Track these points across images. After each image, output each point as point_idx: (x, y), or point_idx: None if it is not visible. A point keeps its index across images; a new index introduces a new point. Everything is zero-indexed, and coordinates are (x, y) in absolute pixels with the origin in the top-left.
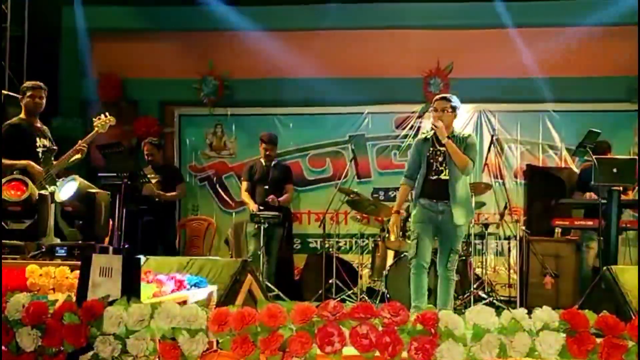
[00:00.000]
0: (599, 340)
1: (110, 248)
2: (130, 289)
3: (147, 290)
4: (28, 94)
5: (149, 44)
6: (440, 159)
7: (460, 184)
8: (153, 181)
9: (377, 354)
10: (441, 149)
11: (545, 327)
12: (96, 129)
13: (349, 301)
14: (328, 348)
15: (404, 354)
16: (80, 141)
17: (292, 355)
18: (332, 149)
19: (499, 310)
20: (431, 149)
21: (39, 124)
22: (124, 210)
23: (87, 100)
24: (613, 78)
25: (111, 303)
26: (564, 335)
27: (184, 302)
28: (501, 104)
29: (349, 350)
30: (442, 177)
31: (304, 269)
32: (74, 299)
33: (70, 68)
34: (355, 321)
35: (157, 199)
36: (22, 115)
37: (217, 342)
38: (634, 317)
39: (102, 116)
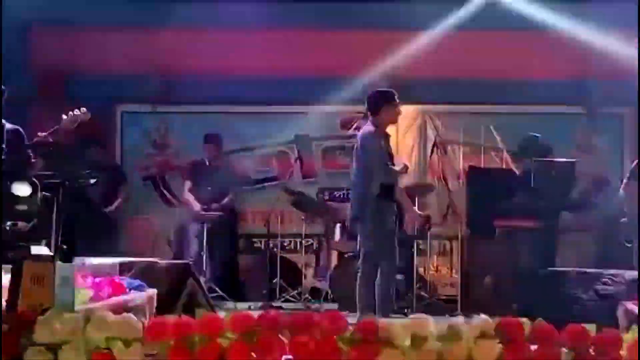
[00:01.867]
0: (534, 347)
1: (43, 253)
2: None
3: (83, 295)
4: None
5: (92, 39)
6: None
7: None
8: (92, 181)
9: None
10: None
11: (482, 335)
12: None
13: (293, 301)
14: (267, 357)
15: None
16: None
17: None
18: (278, 148)
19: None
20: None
21: None
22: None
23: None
24: (554, 81)
25: (44, 312)
26: (500, 344)
27: (123, 307)
28: (444, 105)
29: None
30: None
31: (248, 269)
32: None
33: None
34: (294, 330)
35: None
36: None
37: None
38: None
39: (75, 111)
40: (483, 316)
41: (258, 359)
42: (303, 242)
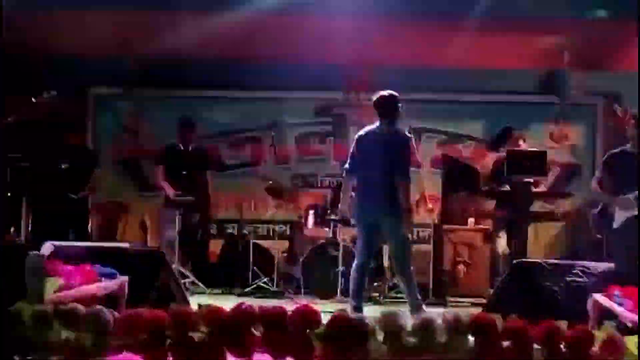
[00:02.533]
0: (507, 343)
1: None
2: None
3: (53, 284)
4: None
5: (64, 20)
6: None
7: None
8: (64, 166)
9: (289, 358)
10: None
11: (455, 330)
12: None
13: (265, 288)
14: (239, 351)
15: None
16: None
17: (202, 358)
18: (252, 134)
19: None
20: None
21: None
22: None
23: None
24: (528, 70)
25: (13, 302)
26: (474, 339)
27: (94, 296)
28: (419, 93)
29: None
30: None
31: (220, 255)
32: None
33: None
34: (266, 324)
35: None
36: None
37: None
38: (543, 313)
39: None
40: (457, 311)
41: (230, 353)
42: (276, 228)
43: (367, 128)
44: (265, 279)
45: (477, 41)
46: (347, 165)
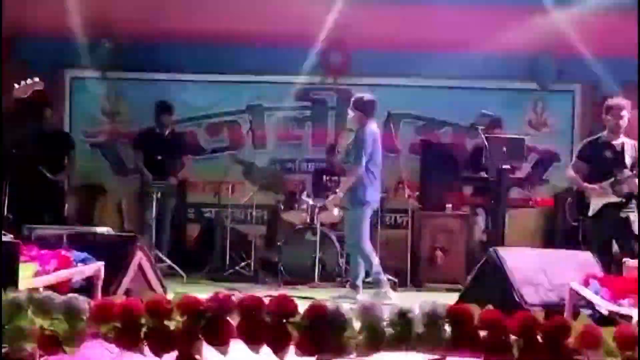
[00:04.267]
0: (483, 333)
1: None
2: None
3: (27, 270)
4: None
5: (40, 1)
6: None
7: None
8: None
9: (265, 347)
10: None
11: (431, 321)
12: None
13: (243, 273)
14: (215, 340)
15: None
16: None
17: (177, 347)
18: (230, 117)
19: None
20: None
21: None
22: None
23: None
24: (507, 56)
25: None
26: (449, 328)
27: (69, 281)
28: (398, 78)
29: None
30: None
31: (197, 240)
32: None
33: None
34: (243, 314)
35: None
36: None
37: None
38: (519, 302)
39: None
40: (434, 302)
41: (207, 342)
42: (254, 213)
43: (374, 126)
44: (242, 264)
45: (456, 25)
46: (363, 159)
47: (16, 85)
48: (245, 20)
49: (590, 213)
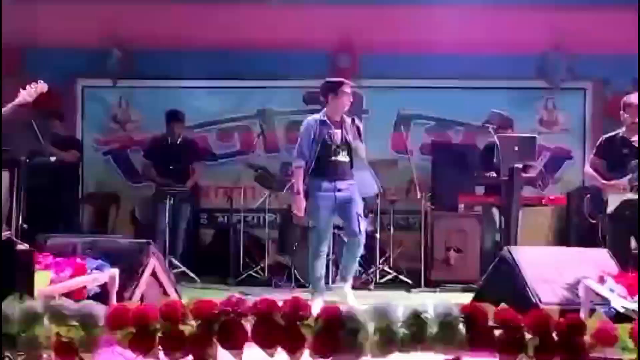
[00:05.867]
0: (498, 332)
1: None
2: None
3: (43, 277)
4: None
5: (51, 12)
6: (337, 141)
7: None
8: (52, 159)
9: (280, 349)
10: (337, 131)
11: (445, 321)
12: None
13: (256, 277)
14: (229, 344)
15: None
16: None
17: (192, 351)
18: (241, 123)
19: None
20: (329, 131)
21: None
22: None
23: None
24: (518, 55)
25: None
26: (464, 328)
27: (84, 288)
28: (408, 79)
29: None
30: (340, 158)
31: (211, 245)
32: None
33: None
34: (257, 317)
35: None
36: None
37: None
38: (534, 301)
39: (32, 84)
40: (448, 302)
41: (221, 346)
42: (266, 217)
43: (313, 117)
44: (256, 268)
45: (466, 26)
46: (297, 153)
47: (21, 90)
48: (254, 25)
49: (608, 210)
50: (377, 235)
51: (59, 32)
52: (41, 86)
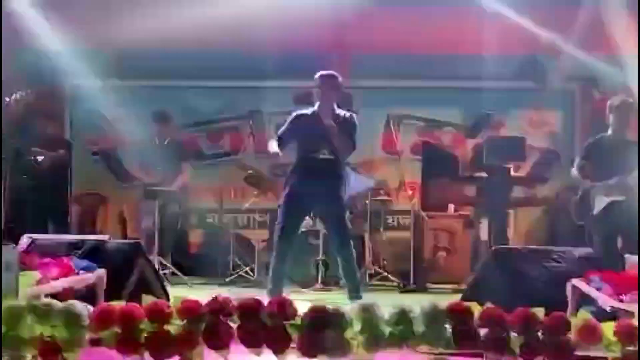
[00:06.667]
0: (483, 331)
1: None
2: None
3: (30, 277)
4: None
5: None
6: (325, 137)
7: (340, 161)
8: (40, 159)
9: (266, 349)
10: (326, 127)
11: (432, 319)
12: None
13: (246, 277)
14: (215, 344)
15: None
16: None
17: (178, 351)
18: (230, 123)
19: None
20: (317, 127)
21: None
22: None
23: None
24: (507, 56)
25: None
26: (450, 327)
27: (71, 289)
28: (398, 80)
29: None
30: (325, 156)
31: (200, 245)
32: None
33: None
34: (243, 316)
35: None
36: None
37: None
38: (522, 300)
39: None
40: (434, 301)
41: (207, 346)
42: (256, 217)
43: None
44: (246, 269)
45: (454, 27)
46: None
47: (7, 99)
48: (246, 25)
49: (595, 211)
50: (367, 236)
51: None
52: (29, 95)
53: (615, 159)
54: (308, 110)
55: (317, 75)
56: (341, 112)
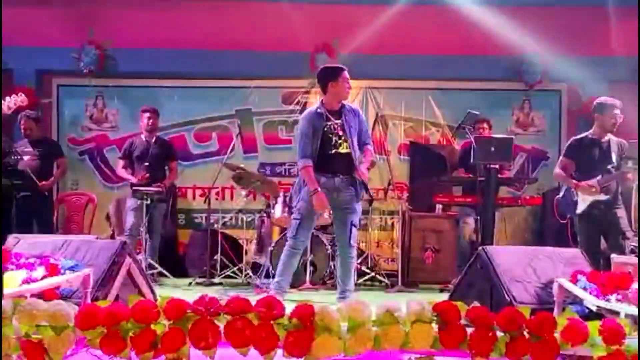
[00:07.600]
0: (470, 330)
1: None
2: None
3: (15, 278)
4: None
5: (25, 9)
6: (339, 132)
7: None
8: (26, 158)
9: (253, 348)
10: (337, 122)
11: (418, 319)
12: None
13: (234, 277)
14: (202, 344)
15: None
16: None
17: (164, 351)
18: (218, 123)
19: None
20: (327, 123)
21: None
22: None
23: None
24: (494, 57)
25: None
26: (436, 326)
27: (57, 289)
28: (386, 80)
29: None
30: (341, 150)
31: (188, 245)
32: None
33: None
34: (229, 316)
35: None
36: None
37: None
38: (509, 300)
39: (13, 96)
40: (419, 300)
41: (193, 346)
42: (244, 217)
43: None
44: (234, 269)
45: (443, 28)
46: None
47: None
48: (232, 25)
49: (578, 211)
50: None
51: (34, 29)
52: (22, 98)
53: (598, 158)
54: (314, 108)
55: (325, 67)
56: (348, 106)
